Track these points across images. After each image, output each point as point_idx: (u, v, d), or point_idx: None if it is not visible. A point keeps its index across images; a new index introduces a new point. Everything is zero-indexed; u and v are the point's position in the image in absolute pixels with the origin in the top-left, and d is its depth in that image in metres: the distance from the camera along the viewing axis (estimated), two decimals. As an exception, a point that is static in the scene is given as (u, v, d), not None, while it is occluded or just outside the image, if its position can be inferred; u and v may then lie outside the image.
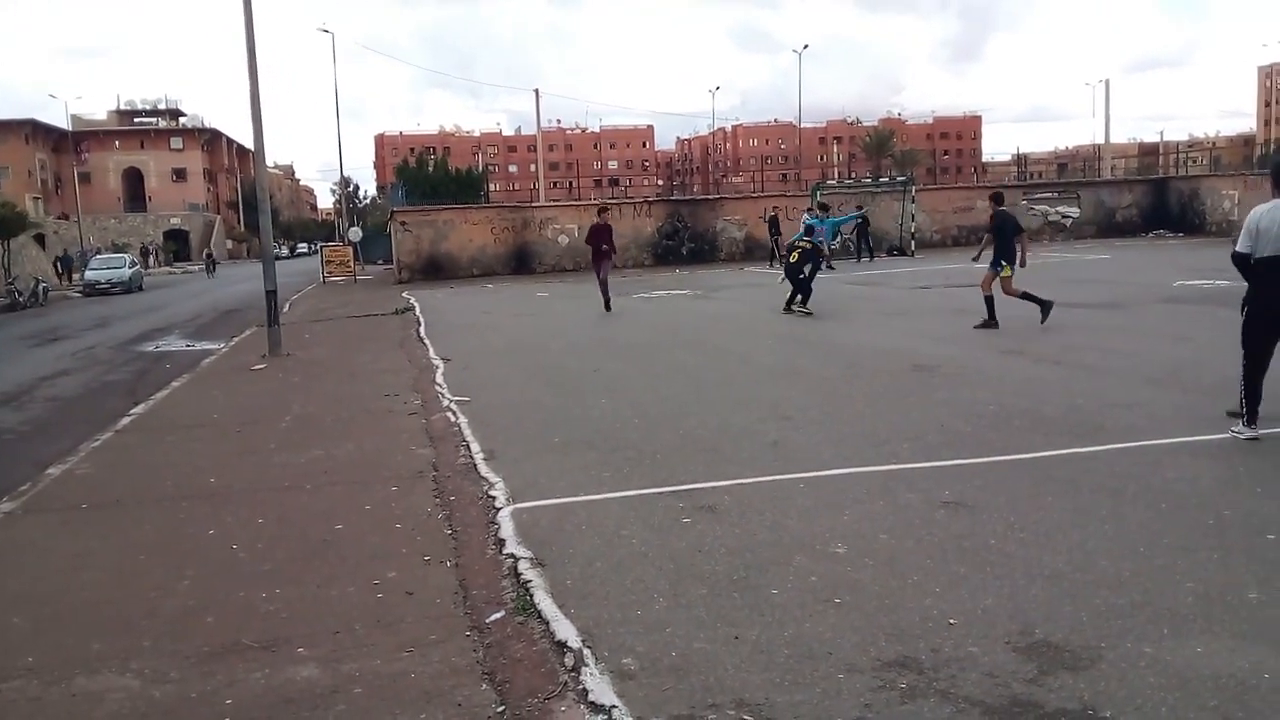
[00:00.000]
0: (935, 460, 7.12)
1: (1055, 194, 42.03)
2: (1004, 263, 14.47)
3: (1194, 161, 54.10)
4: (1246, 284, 7.41)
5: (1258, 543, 5.19)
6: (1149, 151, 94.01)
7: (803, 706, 3.76)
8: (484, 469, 7.56)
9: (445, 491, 7.17)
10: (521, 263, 36.16)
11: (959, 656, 4.11)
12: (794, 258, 17.66)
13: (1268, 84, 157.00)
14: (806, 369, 11.67)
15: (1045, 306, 13.94)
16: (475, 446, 8.32)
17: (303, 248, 66.17)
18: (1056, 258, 29.28)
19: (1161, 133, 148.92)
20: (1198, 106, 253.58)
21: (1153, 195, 41.23)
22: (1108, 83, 62.40)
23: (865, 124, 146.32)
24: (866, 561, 5.21)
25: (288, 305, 26.74)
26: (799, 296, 17.48)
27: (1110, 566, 4.98)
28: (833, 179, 70.75)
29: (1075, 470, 6.79)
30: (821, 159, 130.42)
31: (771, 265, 32.46)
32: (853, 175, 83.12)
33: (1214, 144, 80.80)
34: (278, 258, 23.45)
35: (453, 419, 9.62)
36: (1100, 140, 56.68)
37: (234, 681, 4.33)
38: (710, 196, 46.75)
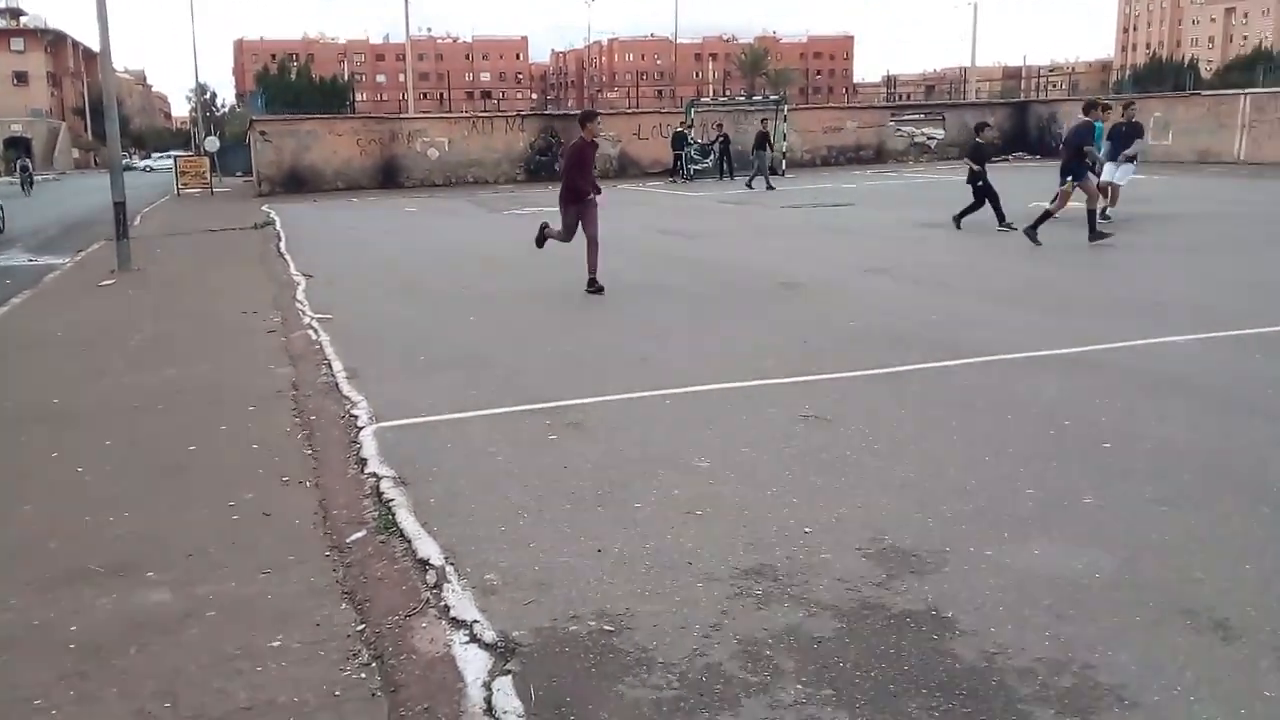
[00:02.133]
0: (797, 376, 7.27)
1: (922, 116, 42.87)
2: (1069, 178, 13.97)
3: (1054, 86, 55.78)
4: None
5: (1094, 451, 5.47)
6: (1012, 75, 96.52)
7: (662, 615, 3.83)
8: (346, 388, 7.41)
9: (305, 411, 7.00)
10: (389, 177, 35.20)
11: (813, 563, 4.24)
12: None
13: (1127, 10, 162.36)
14: (676, 287, 11.72)
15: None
16: (337, 365, 8.13)
17: (165, 161, 62.11)
18: (922, 178, 30.00)
19: (1025, 57, 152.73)
20: (1062, 31, 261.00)
21: (1014, 118, 42.41)
22: (975, 6, 63.53)
23: (741, 41, 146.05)
24: (728, 474, 5.31)
25: (139, 219, 25.46)
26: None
27: (957, 475, 5.19)
28: (708, 96, 70.49)
29: (929, 385, 7.04)
30: (697, 76, 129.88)
31: (674, 179, 32.58)
32: (727, 93, 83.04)
33: (1073, 69, 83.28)
34: (131, 169, 22.32)
35: (314, 337, 9.37)
36: (967, 64, 57.84)
37: (80, 609, 4.18)
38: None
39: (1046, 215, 14.03)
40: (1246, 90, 34.32)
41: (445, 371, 7.84)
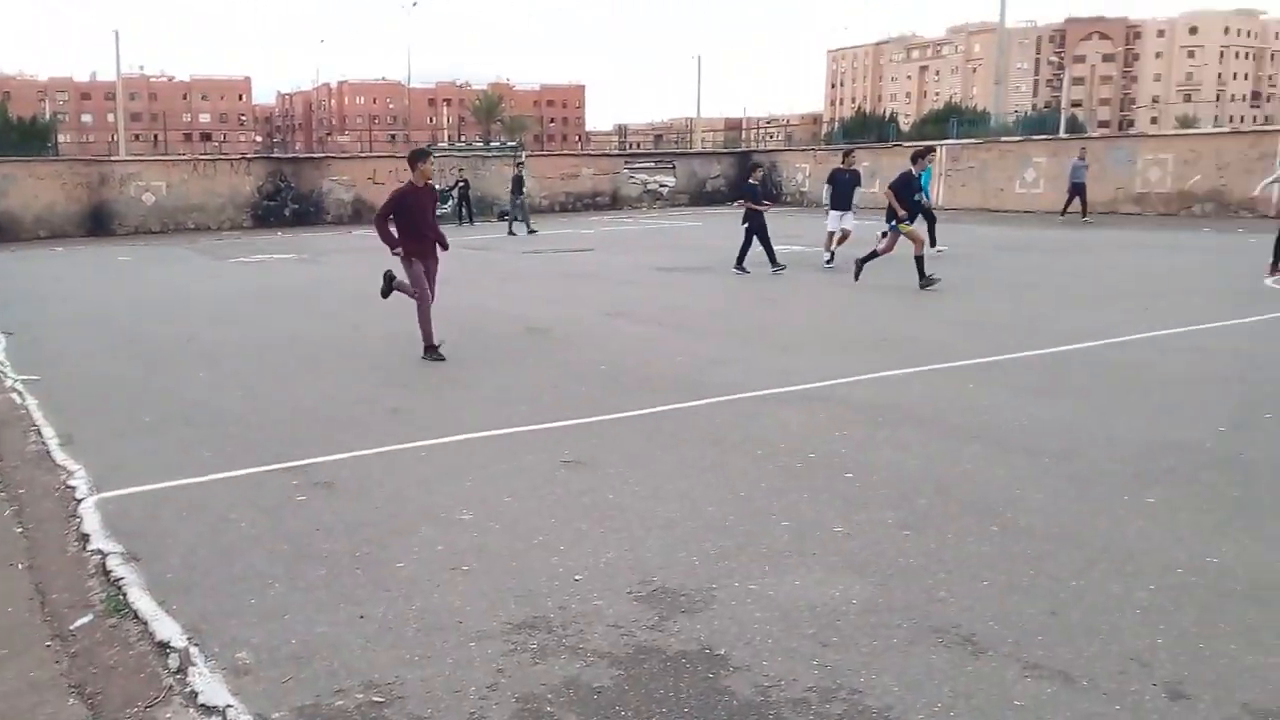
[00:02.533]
0: (553, 421, 7.26)
1: (653, 164, 44.38)
2: (893, 224, 14.32)
3: (771, 137, 59.33)
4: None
5: (839, 481, 5.76)
6: (734, 126, 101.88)
7: (434, 680, 3.67)
8: (60, 456, 6.72)
9: (13, 485, 6.28)
10: (99, 223, 32.60)
11: (585, 611, 4.20)
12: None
13: (834, 67, 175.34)
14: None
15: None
16: (48, 431, 7.37)
17: None
18: (656, 224, 30.98)
19: (745, 109, 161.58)
20: (777, 85, 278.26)
21: (738, 167, 44.59)
22: (699, 59, 66.71)
23: (475, 88, 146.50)
24: (492, 525, 5.20)
25: None
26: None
27: (716, 512, 5.31)
28: (443, 142, 70.15)
29: (680, 424, 7.20)
30: (431, 120, 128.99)
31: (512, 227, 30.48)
32: (463, 138, 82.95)
33: (788, 121, 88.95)
34: None
35: (18, 400, 8.48)
36: (693, 114, 60.55)
37: None
38: (316, 155, 44.66)
39: (873, 255, 14.67)
40: (943, 141, 37.69)
41: (175, 431, 7.28)
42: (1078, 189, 26.67)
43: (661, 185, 42.79)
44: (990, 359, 9.07)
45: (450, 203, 33.74)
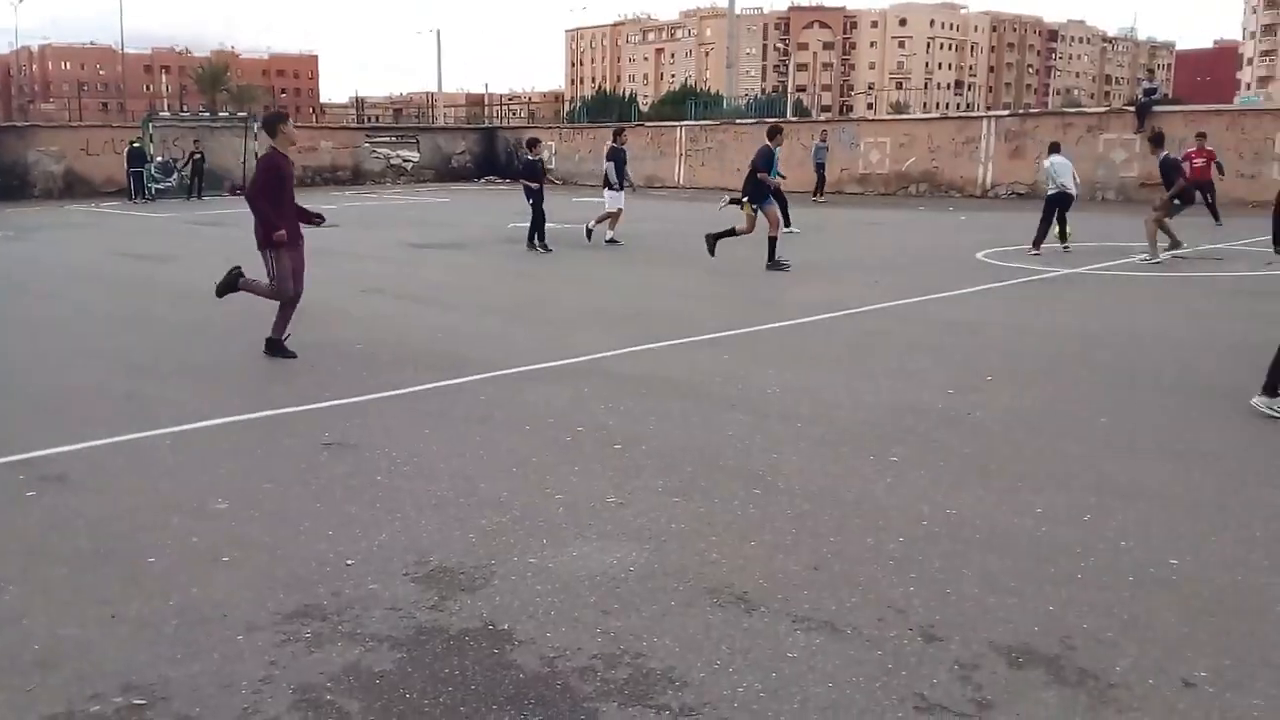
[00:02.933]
0: (311, 403, 6.97)
1: (395, 138, 43.29)
2: (747, 200, 13.91)
3: (515, 114, 59.13)
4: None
5: (609, 453, 5.86)
6: (476, 102, 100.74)
7: (201, 677, 3.46)
8: None
9: None
10: None
11: (361, 596, 4.08)
12: None
13: (573, 46, 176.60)
14: (158, 315, 10.73)
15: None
16: None
17: None
18: (402, 200, 30.24)
19: (487, 85, 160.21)
20: (519, 62, 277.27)
21: (484, 143, 44.26)
22: (439, 33, 65.46)
23: (197, 55, 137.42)
24: (253, 514, 4.94)
25: None
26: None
27: (489, 489, 5.28)
28: (165, 111, 65.41)
29: (445, 402, 7.10)
30: (148, 89, 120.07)
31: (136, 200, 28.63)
32: (185, 108, 77.63)
33: (530, 98, 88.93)
34: None
35: None
36: (434, 89, 59.41)
37: None
38: (20, 124, 40.57)
39: (730, 232, 14.22)
40: (682, 123, 38.85)
41: None
42: (820, 169, 27.79)
43: (406, 160, 41.83)
44: (742, 331, 9.46)
45: (175, 175, 31.64)
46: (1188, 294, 11.84)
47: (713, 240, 14.25)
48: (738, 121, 37.04)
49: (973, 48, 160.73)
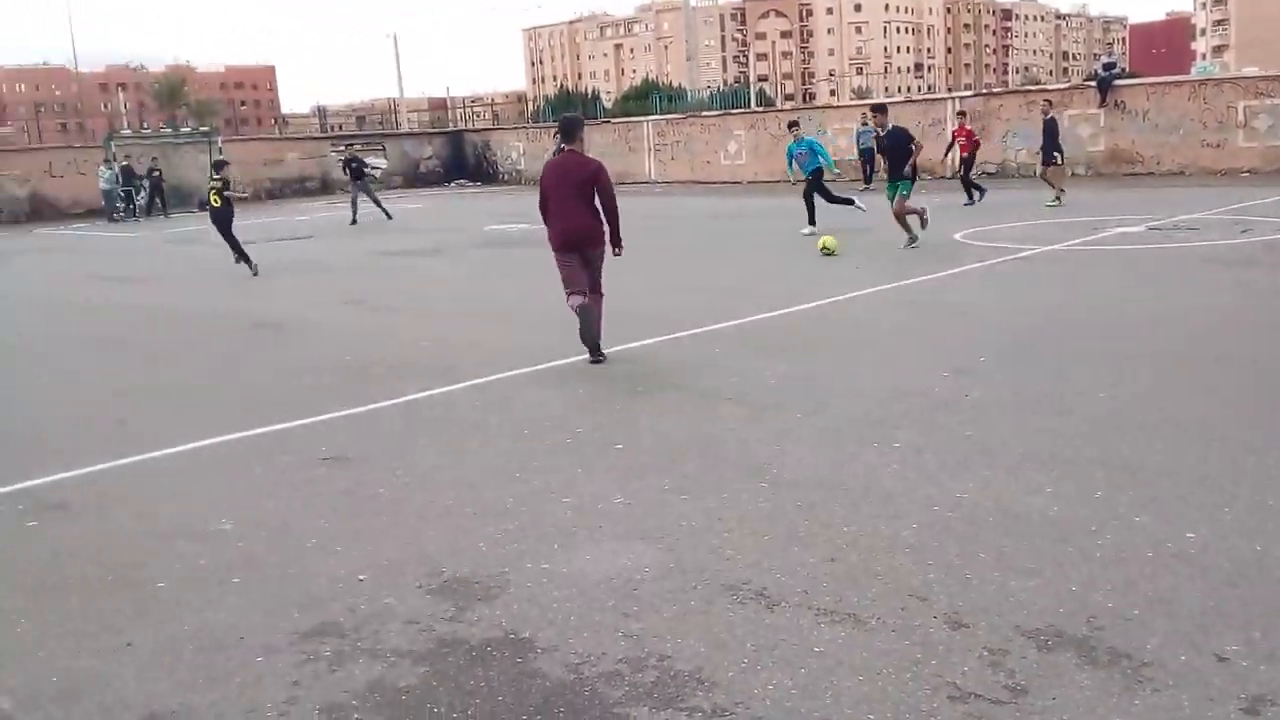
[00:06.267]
0: (303, 418, 6.89)
1: (361, 145, 42.95)
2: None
3: (479, 116, 58.79)
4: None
5: (611, 453, 5.82)
6: (439, 106, 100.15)
7: (224, 703, 3.41)
8: None
9: None
10: None
11: (377, 611, 4.03)
12: None
13: (532, 45, 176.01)
14: (134, 338, 10.60)
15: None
16: None
17: None
18: (372, 208, 29.99)
19: (448, 88, 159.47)
20: (478, 64, 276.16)
21: (451, 147, 44.03)
22: (395, 37, 64.98)
23: (153, 71, 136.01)
24: (259, 533, 4.88)
25: None
26: None
27: (493, 496, 5.24)
28: (126, 128, 64.74)
29: (439, 410, 7.05)
30: (107, 107, 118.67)
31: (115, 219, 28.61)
32: (145, 124, 76.90)
33: (494, 99, 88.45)
34: None
35: None
36: (395, 94, 59.00)
37: None
38: (-24, 148, 40.02)
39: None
40: (648, 118, 38.79)
41: None
42: (866, 154, 26.32)
43: (374, 167, 41.43)
44: (730, 323, 9.43)
45: (142, 195, 31.34)
46: (1167, 266, 11.93)
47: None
48: (703, 114, 37.01)
49: (929, 30, 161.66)
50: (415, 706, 3.35)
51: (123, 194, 30.48)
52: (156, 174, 31.32)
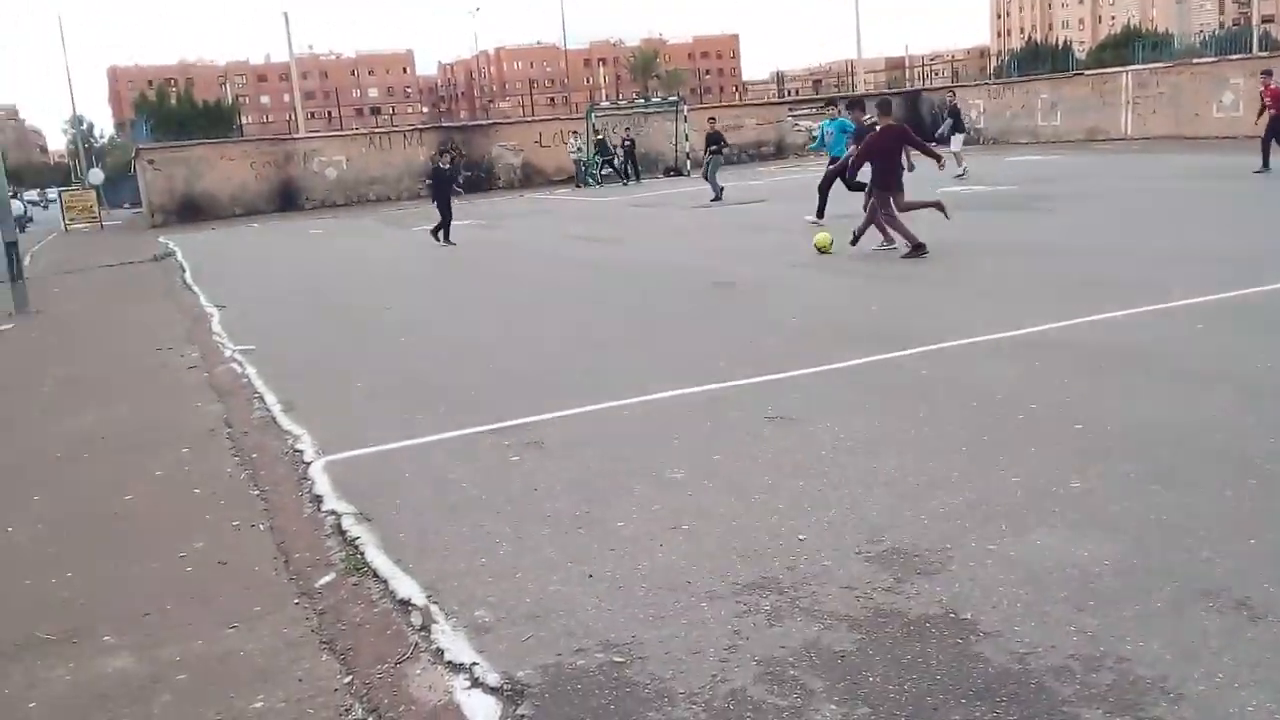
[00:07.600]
0: (753, 377, 7.13)
1: (816, 110, 43.33)
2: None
3: (937, 74, 56.99)
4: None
5: (1069, 433, 5.43)
6: (895, 66, 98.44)
7: (672, 641, 3.63)
8: (285, 421, 7.03)
9: (245, 450, 6.62)
10: (288, 199, 34.29)
11: (815, 572, 4.08)
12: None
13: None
14: (610, 292, 11.54)
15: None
16: (271, 398, 7.73)
17: (49, 194, 58.89)
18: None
19: (906, 47, 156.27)
20: (939, 21, 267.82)
21: (907, 107, 43.09)
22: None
23: (629, 45, 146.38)
24: (707, 484, 5.13)
25: (28, 258, 24.29)
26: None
27: (938, 468, 5.09)
28: (605, 101, 70.46)
29: (885, 376, 6.96)
30: (588, 81, 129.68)
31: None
32: (621, 96, 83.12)
33: (954, 56, 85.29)
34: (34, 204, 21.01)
35: (239, 370, 8.94)
36: (853, 56, 58.65)
37: (35, 682, 3.81)
38: (484, 122, 45.52)
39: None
40: (1127, 68, 35.45)
41: (386, 397, 7.51)
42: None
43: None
44: (1216, 296, 8.40)
45: (617, 161, 33.91)
46: None
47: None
48: (1195, 62, 33.10)
49: None
50: (851, 673, 3.35)
51: (600, 163, 33.28)
52: (629, 143, 33.77)
